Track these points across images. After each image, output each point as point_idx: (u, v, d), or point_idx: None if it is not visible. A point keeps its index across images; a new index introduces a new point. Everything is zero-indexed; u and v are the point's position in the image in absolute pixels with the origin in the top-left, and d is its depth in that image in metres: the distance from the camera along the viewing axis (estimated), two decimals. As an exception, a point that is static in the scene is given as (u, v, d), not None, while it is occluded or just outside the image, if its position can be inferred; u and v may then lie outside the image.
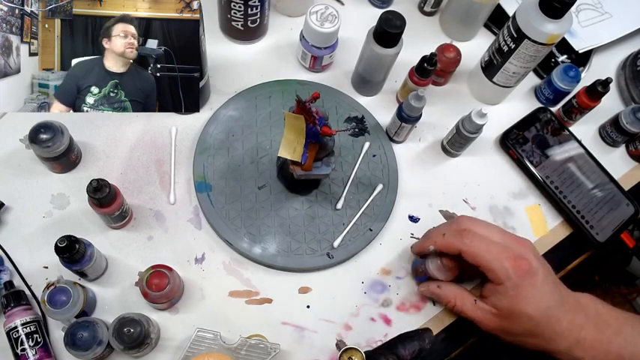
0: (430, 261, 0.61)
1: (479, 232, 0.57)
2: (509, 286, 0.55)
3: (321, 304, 0.63)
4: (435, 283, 0.62)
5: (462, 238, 0.57)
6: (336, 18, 0.68)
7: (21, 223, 0.62)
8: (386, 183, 0.69)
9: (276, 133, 0.70)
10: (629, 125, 0.74)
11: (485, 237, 0.57)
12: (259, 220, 0.65)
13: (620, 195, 0.72)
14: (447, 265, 0.60)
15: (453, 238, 0.58)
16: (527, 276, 0.55)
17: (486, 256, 0.56)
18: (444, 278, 0.61)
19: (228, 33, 0.75)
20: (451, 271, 0.61)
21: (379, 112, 0.74)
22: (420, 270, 0.64)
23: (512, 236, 0.59)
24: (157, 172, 0.66)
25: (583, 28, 0.81)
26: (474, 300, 0.59)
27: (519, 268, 0.55)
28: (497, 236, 0.58)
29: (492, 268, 0.56)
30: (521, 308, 0.55)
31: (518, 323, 0.56)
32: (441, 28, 0.82)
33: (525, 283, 0.55)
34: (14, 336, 0.54)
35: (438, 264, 0.60)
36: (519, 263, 0.55)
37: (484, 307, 0.58)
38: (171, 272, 0.57)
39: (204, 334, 0.57)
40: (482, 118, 0.65)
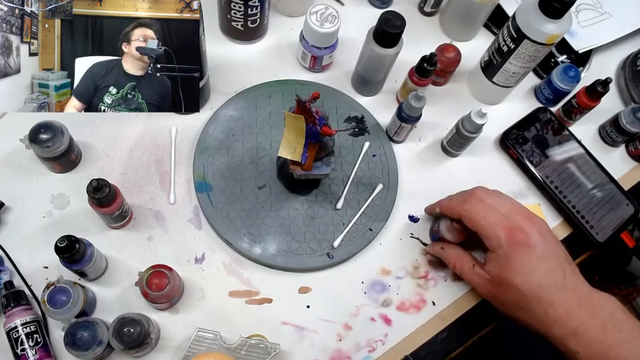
0: (442, 221, 0.64)
1: (485, 201, 0.59)
2: (501, 254, 0.56)
3: (321, 304, 0.63)
4: (440, 245, 0.65)
5: (463, 204, 0.59)
6: (336, 18, 0.68)
7: (21, 223, 0.62)
8: (386, 183, 0.69)
9: (276, 133, 0.70)
10: (629, 125, 0.74)
11: (489, 206, 0.58)
12: (259, 220, 0.65)
13: (620, 195, 0.72)
14: (456, 227, 0.62)
15: (456, 203, 0.61)
16: (520, 247, 0.55)
17: (482, 223, 0.57)
18: (451, 239, 0.63)
19: (228, 33, 0.75)
20: (459, 233, 0.62)
21: (379, 112, 0.74)
22: (434, 229, 0.67)
23: (523, 211, 0.59)
24: (157, 172, 0.66)
25: (583, 28, 0.81)
26: (472, 265, 0.61)
27: (513, 238, 0.56)
28: (506, 208, 0.58)
29: (487, 235, 0.57)
30: (508, 277, 0.55)
31: (506, 293, 0.56)
32: (440, 28, 0.82)
33: (516, 254, 0.55)
34: (14, 336, 0.54)
35: (448, 225, 0.63)
36: (514, 233, 0.56)
37: (480, 272, 0.59)
38: (171, 272, 0.57)
39: (204, 334, 0.57)
40: (482, 118, 0.65)
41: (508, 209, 0.58)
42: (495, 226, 0.57)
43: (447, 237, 0.63)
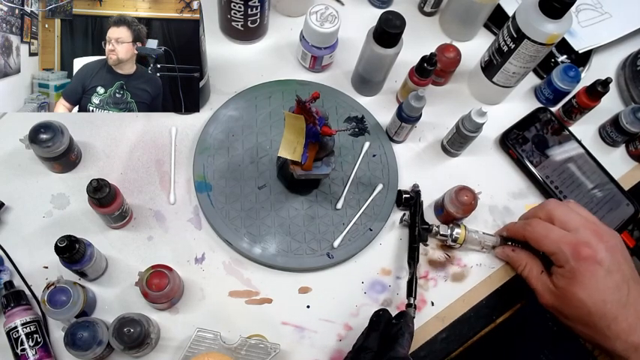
0: (447, 195, 0.66)
1: (555, 214, 0.60)
2: (568, 268, 0.57)
3: (321, 304, 0.63)
4: (511, 247, 0.66)
5: (525, 226, 0.62)
6: (336, 18, 0.68)
7: (21, 223, 0.62)
8: (386, 183, 0.69)
9: (276, 133, 0.70)
10: (629, 125, 0.74)
11: (556, 220, 0.60)
12: (259, 220, 0.65)
13: (620, 195, 0.72)
14: (461, 200, 0.64)
15: (519, 226, 0.64)
16: (586, 262, 0.56)
17: (546, 242, 0.59)
18: (454, 211, 0.64)
19: (228, 33, 0.75)
20: (462, 208, 0.64)
21: (379, 112, 0.74)
22: (439, 203, 0.68)
23: (592, 226, 0.59)
24: (157, 172, 0.66)
25: (583, 28, 0.81)
26: (541, 270, 0.62)
27: (579, 254, 0.57)
28: (575, 222, 0.59)
29: (552, 252, 0.59)
30: (574, 291, 0.56)
31: (571, 306, 0.57)
32: (441, 28, 0.82)
33: (583, 269, 0.56)
34: (14, 336, 0.54)
35: (452, 197, 0.65)
36: (580, 249, 0.57)
37: (546, 280, 0.60)
38: (171, 272, 0.57)
39: (204, 334, 0.57)
40: (482, 117, 0.65)
41: (577, 224, 0.59)
42: (559, 243, 0.58)
43: (451, 210, 0.65)
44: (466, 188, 0.65)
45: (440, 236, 0.66)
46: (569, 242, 0.58)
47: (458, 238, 0.65)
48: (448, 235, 0.65)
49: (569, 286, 0.57)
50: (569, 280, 0.57)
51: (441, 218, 0.68)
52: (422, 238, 0.65)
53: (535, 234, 0.60)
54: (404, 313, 0.57)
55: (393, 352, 0.52)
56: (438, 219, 0.69)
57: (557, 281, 0.59)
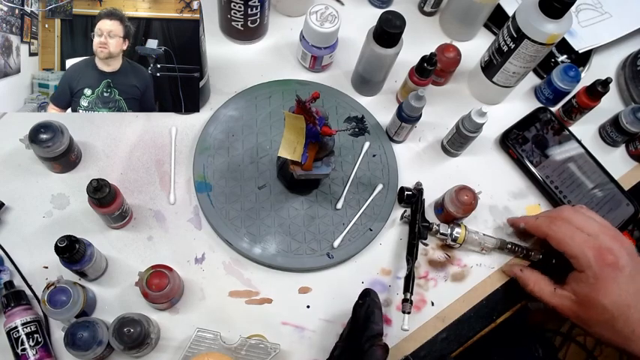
0: (447, 194, 0.66)
1: (572, 221, 0.59)
2: (590, 274, 0.57)
3: (321, 304, 0.63)
4: (518, 267, 0.65)
5: (550, 224, 0.61)
6: (336, 18, 0.68)
7: (21, 223, 0.62)
8: (386, 183, 0.69)
9: (276, 133, 0.70)
10: (629, 125, 0.74)
11: (576, 226, 0.59)
12: (259, 220, 0.65)
13: (620, 195, 0.72)
14: (461, 200, 0.64)
15: (542, 223, 0.62)
16: (609, 268, 0.56)
17: (570, 243, 0.58)
18: (454, 211, 0.64)
19: (228, 33, 0.75)
20: (462, 207, 0.64)
21: (379, 112, 0.74)
22: (438, 202, 0.68)
23: (611, 232, 0.59)
24: (157, 172, 0.66)
25: (583, 28, 0.81)
26: (553, 288, 0.61)
27: (602, 259, 0.56)
28: (593, 228, 0.59)
29: (575, 255, 0.58)
30: (598, 297, 0.56)
31: (594, 313, 0.57)
32: (441, 28, 0.82)
33: (606, 275, 0.56)
34: (14, 336, 0.54)
35: (452, 197, 0.64)
36: (603, 254, 0.56)
37: (563, 293, 0.59)
38: (171, 272, 0.57)
39: (204, 334, 0.57)
40: (482, 117, 0.65)
41: (596, 230, 0.59)
42: (583, 247, 0.58)
43: (451, 209, 0.64)
44: (466, 188, 0.65)
45: (440, 235, 0.66)
46: (593, 247, 0.57)
47: (458, 238, 0.65)
48: (448, 234, 0.65)
49: (592, 292, 0.56)
50: (592, 285, 0.56)
51: (440, 218, 0.68)
52: (422, 235, 0.65)
53: (559, 234, 0.60)
54: (367, 291, 0.57)
55: (368, 330, 0.52)
56: (438, 218, 0.69)
57: (578, 288, 0.58)
